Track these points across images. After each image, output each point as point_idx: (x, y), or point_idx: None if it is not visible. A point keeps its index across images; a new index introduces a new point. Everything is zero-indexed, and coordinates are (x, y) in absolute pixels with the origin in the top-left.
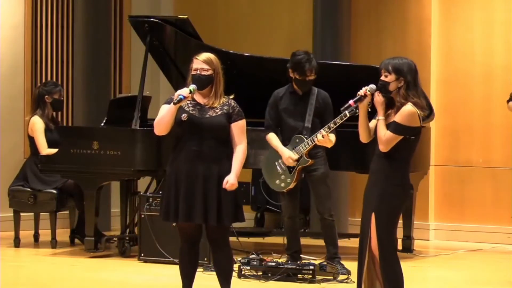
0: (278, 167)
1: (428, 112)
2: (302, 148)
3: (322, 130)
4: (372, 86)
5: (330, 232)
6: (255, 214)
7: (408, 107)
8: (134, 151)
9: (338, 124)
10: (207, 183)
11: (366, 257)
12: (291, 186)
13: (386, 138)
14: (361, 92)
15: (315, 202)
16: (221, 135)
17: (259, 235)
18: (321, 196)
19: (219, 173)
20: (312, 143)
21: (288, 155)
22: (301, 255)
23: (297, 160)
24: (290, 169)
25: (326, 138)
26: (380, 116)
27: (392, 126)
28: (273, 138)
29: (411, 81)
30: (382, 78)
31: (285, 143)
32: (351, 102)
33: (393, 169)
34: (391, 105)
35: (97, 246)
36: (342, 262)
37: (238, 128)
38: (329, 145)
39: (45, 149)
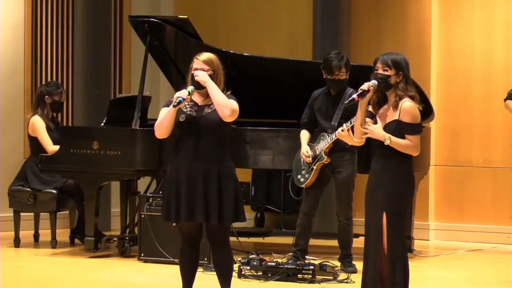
0: (301, 163)
1: (423, 105)
2: (323, 145)
3: (344, 125)
4: (374, 81)
5: (343, 234)
6: (255, 214)
7: (409, 104)
8: (134, 151)
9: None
10: (207, 182)
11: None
12: (309, 182)
13: (415, 143)
14: (364, 87)
15: (335, 204)
16: (219, 132)
17: (259, 235)
18: (340, 200)
19: (219, 172)
20: (331, 140)
21: (302, 150)
22: (305, 256)
23: (315, 157)
24: (310, 165)
25: (346, 132)
26: (386, 137)
27: (411, 129)
28: (301, 135)
29: (408, 75)
30: (381, 72)
31: None
32: (354, 96)
33: (398, 168)
34: (384, 101)
35: (97, 246)
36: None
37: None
38: (350, 142)
39: (51, 146)
